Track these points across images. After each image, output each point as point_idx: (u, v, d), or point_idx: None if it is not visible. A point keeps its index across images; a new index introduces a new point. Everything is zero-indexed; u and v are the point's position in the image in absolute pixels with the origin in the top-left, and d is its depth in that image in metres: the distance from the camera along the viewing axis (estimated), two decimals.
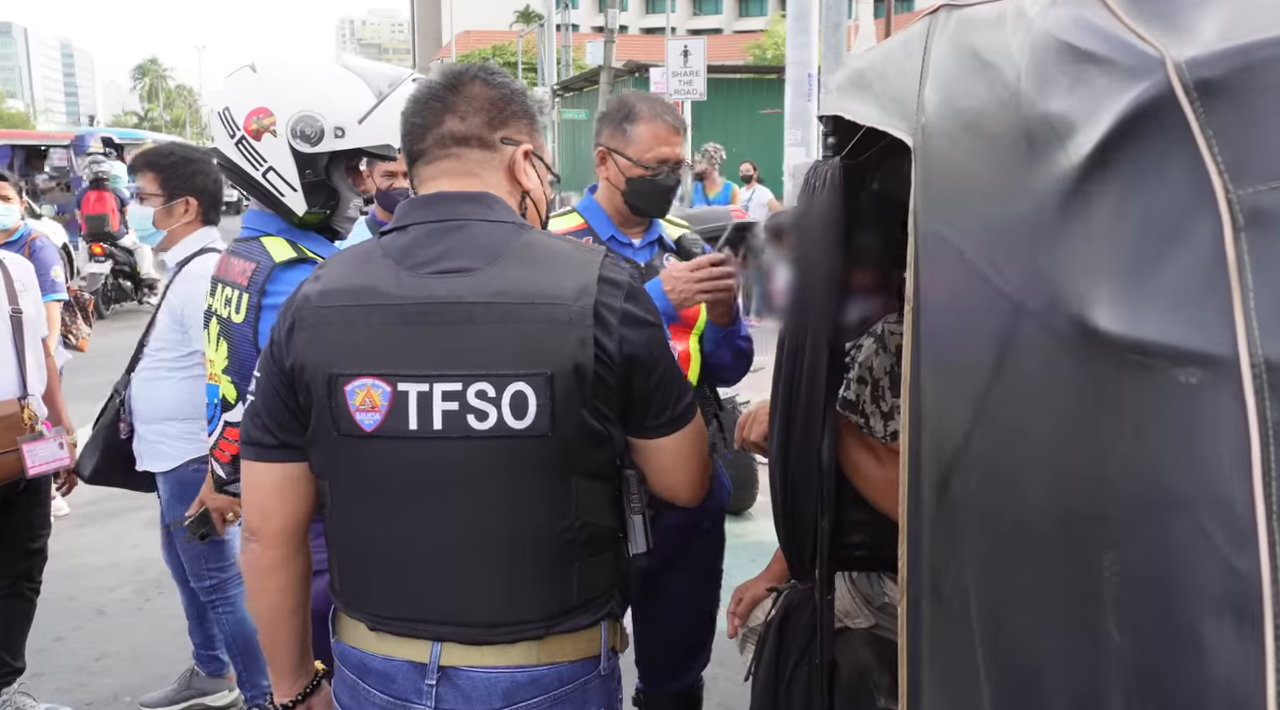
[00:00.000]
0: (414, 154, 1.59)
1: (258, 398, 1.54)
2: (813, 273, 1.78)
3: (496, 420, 1.42)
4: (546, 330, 1.42)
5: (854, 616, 2.22)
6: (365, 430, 1.45)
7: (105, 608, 4.51)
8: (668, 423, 1.58)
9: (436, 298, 1.44)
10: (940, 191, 1.09)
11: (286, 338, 1.49)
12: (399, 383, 1.43)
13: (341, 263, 1.53)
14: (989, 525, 0.96)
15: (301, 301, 1.49)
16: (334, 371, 1.44)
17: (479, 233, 1.50)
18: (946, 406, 1.09)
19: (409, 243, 1.50)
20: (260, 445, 1.54)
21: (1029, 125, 0.84)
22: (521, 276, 1.46)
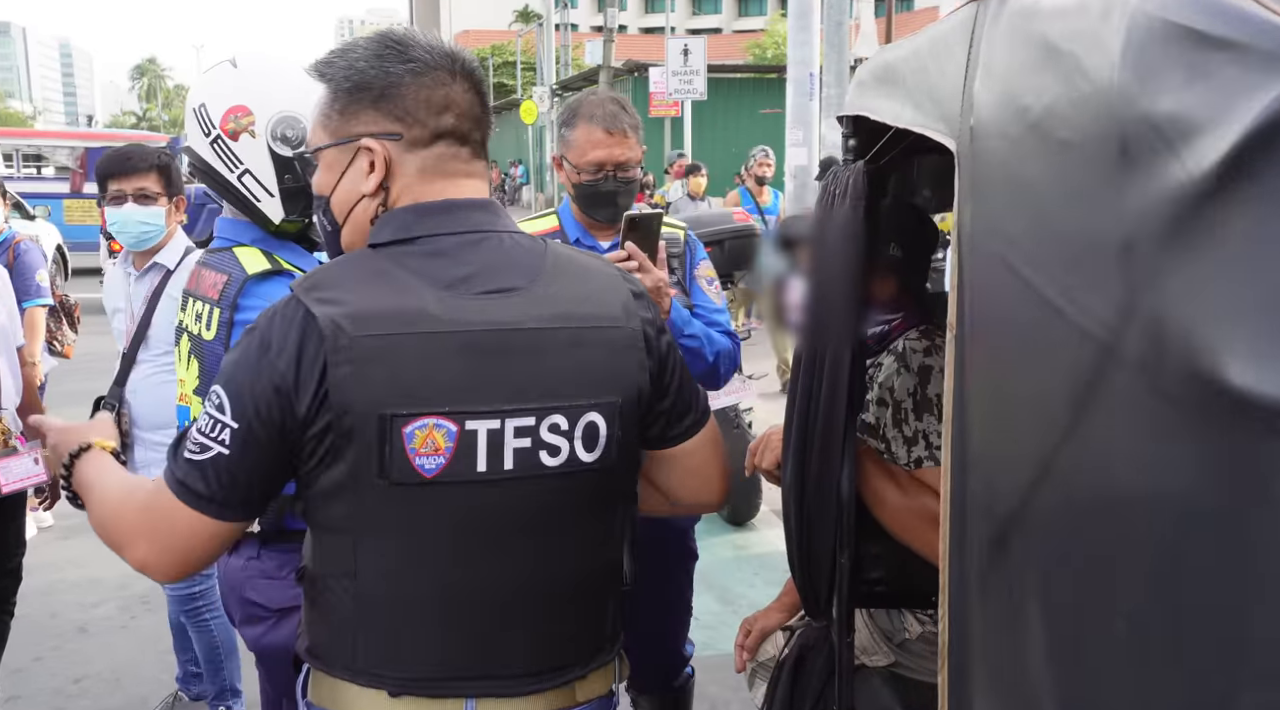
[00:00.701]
0: (455, 133, 1.35)
1: (233, 451, 1.26)
2: (832, 287, 1.63)
3: (568, 454, 1.31)
4: (611, 355, 1.34)
5: (872, 653, 2.07)
6: (425, 476, 1.25)
7: (87, 626, 4.35)
8: (693, 424, 1.49)
9: (498, 323, 1.28)
10: (996, 204, 0.94)
11: (298, 381, 1.23)
12: (467, 420, 1.26)
13: (359, 282, 1.28)
14: (1068, 613, 0.80)
15: (332, 331, 1.23)
16: (389, 412, 1.23)
17: (505, 246, 1.34)
18: (1001, 453, 0.94)
19: (433, 258, 1.30)
20: (218, 503, 1.28)
21: (1124, 127, 0.69)
22: (572, 296, 1.34)
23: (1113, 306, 0.71)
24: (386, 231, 1.33)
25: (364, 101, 1.32)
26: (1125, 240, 0.68)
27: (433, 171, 1.34)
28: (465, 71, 1.35)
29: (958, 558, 1.07)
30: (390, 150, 1.33)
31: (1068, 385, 0.78)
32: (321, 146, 1.37)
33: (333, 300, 1.25)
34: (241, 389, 1.26)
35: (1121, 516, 0.72)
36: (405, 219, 1.33)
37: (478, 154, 1.38)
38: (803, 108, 11.10)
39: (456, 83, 1.34)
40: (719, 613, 4.32)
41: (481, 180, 1.39)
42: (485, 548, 1.30)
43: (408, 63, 1.32)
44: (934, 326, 2.03)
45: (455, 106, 1.34)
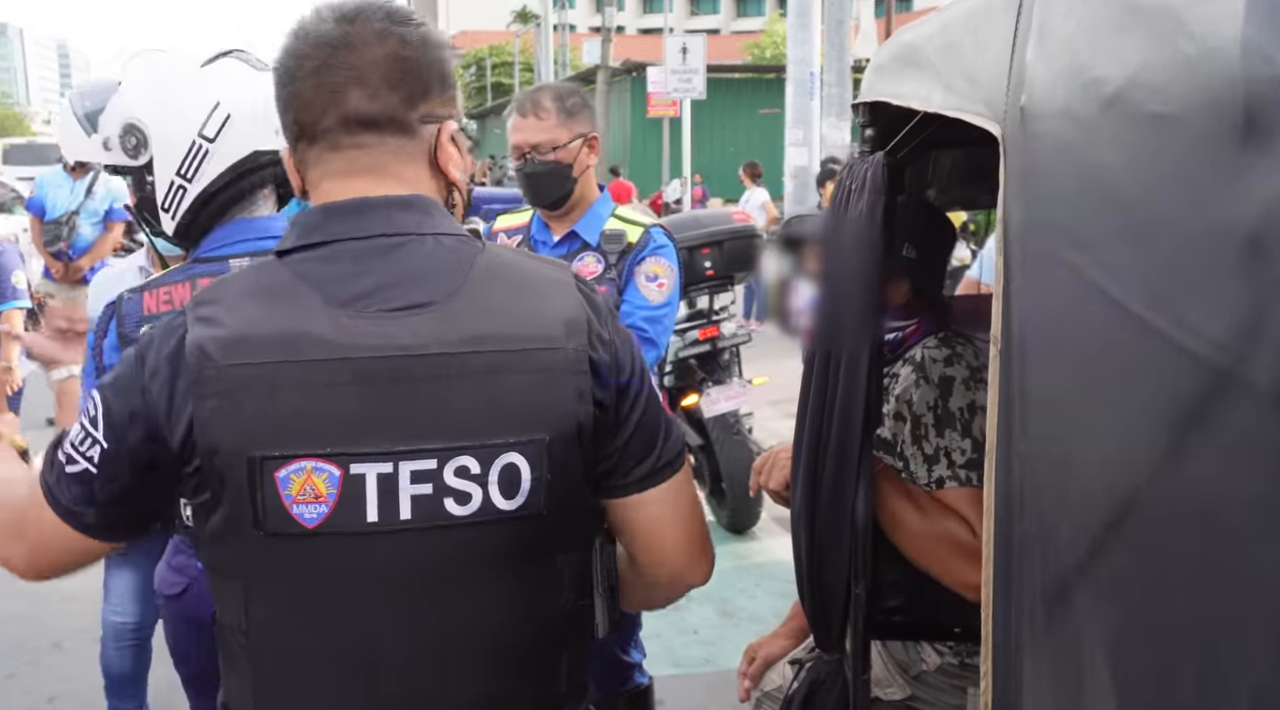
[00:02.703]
0: (306, 133, 1.17)
1: (99, 470, 1.13)
2: (849, 290, 1.49)
3: (481, 502, 1.12)
4: (540, 383, 1.13)
5: (886, 686, 1.94)
6: (305, 527, 1.09)
7: (63, 641, 4.21)
8: (652, 472, 1.24)
9: (398, 348, 1.09)
10: (1057, 197, 0.79)
11: (171, 410, 1.10)
12: (352, 463, 1.08)
13: (243, 297, 1.13)
14: (1155, 687, 0.66)
15: (197, 357, 1.08)
16: (259, 453, 1.07)
17: (424, 252, 1.14)
18: (1065, 491, 0.79)
19: (333, 268, 1.13)
20: (77, 518, 1.16)
21: (1250, 95, 0.54)
22: (498, 311, 1.14)
23: (1230, 322, 0.56)
24: (292, 236, 1.16)
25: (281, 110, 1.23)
26: (1250, 238, 0.54)
27: (330, 172, 1.18)
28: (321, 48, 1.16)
29: (1004, 609, 0.93)
30: (298, 156, 1.20)
31: (1161, 416, 0.63)
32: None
33: (211, 319, 1.10)
34: (115, 405, 1.12)
35: (1240, 578, 0.57)
36: (312, 220, 1.17)
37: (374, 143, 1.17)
38: (803, 107, 11.00)
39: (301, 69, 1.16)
40: (719, 626, 4.18)
41: (392, 178, 1.18)
42: (385, 605, 1.13)
43: (278, 69, 1.19)
44: (953, 334, 1.89)
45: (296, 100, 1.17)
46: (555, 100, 2.53)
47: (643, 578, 1.30)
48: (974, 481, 1.69)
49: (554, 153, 2.49)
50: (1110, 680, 0.73)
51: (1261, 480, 0.56)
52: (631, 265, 2.56)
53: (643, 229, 2.59)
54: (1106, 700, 0.74)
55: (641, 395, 1.22)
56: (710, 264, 5.00)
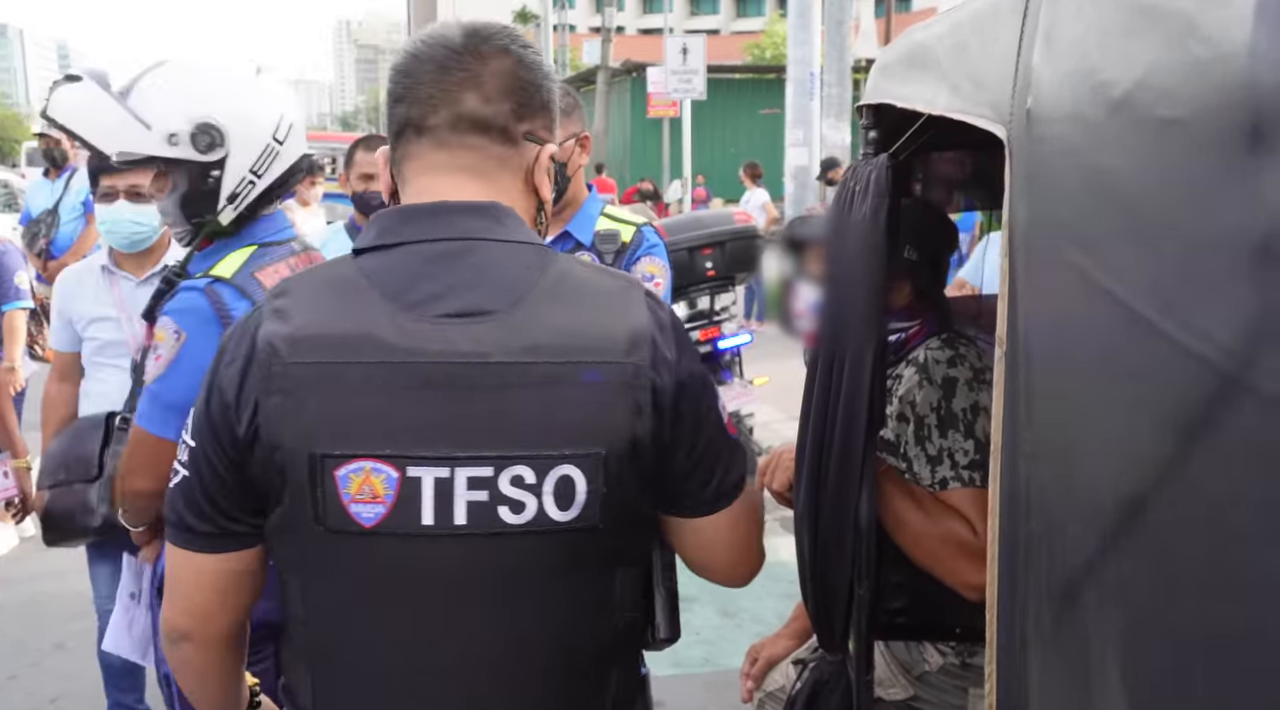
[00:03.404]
0: (414, 125, 1.20)
1: (191, 472, 1.16)
2: (852, 292, 1.48)
3: (536, 512, 1.12)
4: (598, 397, 1.12)
5: (889, 686, 1.94)
6: (363, 526, 1.10)
7: (66, 641, 4.21)
8: (713, 497, 1.23)
9: (459, 354, 1.10)
10: (1063, 200, 0.79)
11: (240, 399, 1.12)
12: (409, 466, 1.10)
13: (313, 295, 1.15)
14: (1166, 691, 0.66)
15: (267, 353, 1.10)
16: (320, 451, 1.09)
17: (493, 259, 1.15)
18: (1072, 493, 0.80)
19: (402, 271, 1.14)
20: (195, 533, 1.17)
21: (1259, 99, 0.54)
22: (560, 324, 1.13)
23: (1237, 326, 0.56)
24: (369, 236, 1.18)
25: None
26: (1260, 243, 0.54)
27: (415, 172, 1.21)
28: (438, 51, 1.20)
29: (1009, 610, 0.93)
30: (392, 156, 1.24)
31: (1168, 419, 0.63)
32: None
33: (284, 313, 1.12)
34: (200, 405, 1.16)
35: (1248, 580, 0.57)
36: (389, 222, 1.18)
37: (463, 144, 1.19)
38: (803, 107, 11.00)
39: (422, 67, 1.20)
40: (720, 626, 4.18)
41: (477, 177, 1.20)
42: (438, 609, 1.14)
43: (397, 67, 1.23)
44: (955, 335, 1.89)
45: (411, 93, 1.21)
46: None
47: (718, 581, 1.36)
48: (977, 482, 1.69)
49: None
50: (1118, 682, 0.73)
51: (1268, 484, 0.56)
52: (627, 265, 2.56)
53: (635, 228, 2.59)
54: (1115, 702, 0.74)
55: (704, 418, 1.20)
56: (711, 264, 5.00)
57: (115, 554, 2.99)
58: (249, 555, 1.18)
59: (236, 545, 1.17)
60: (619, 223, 2.61)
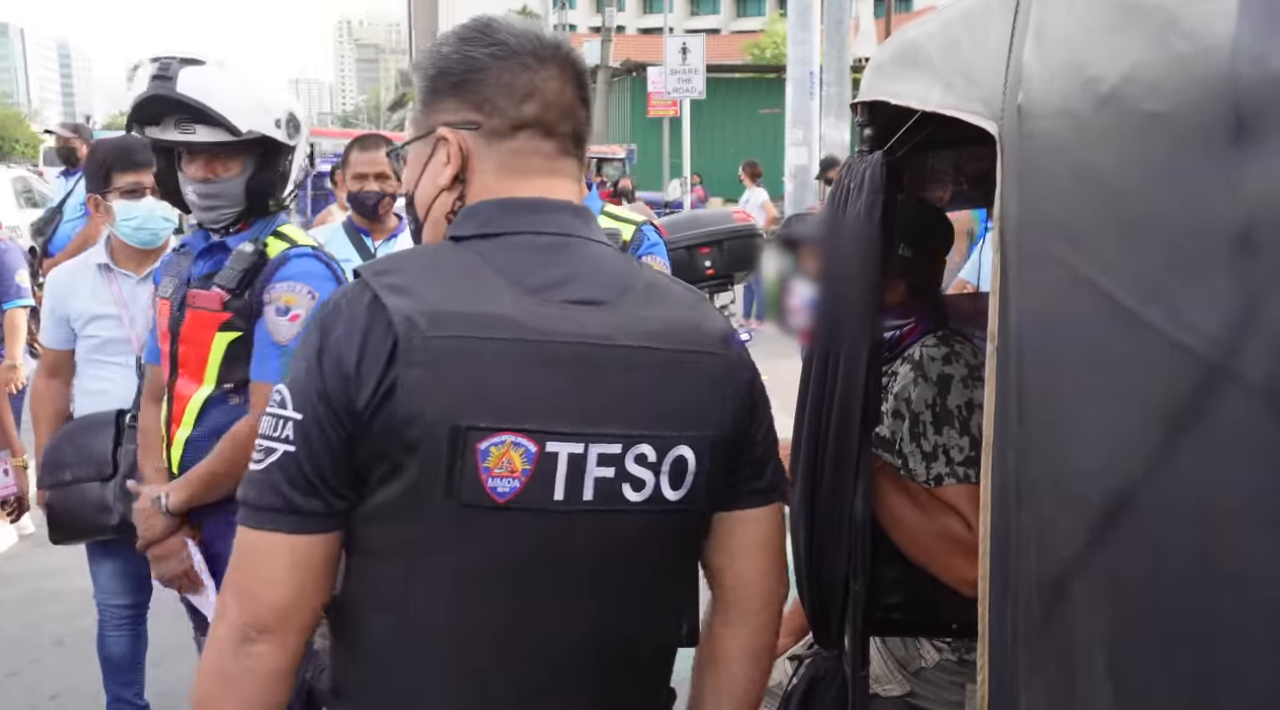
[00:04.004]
0: (543, 128, 1.22)
1: (300, 446, 1.11)
2: (847, 289, 1.49)
3: (653, 490, 1.17)
4: (708, 384, 1.20)
5: (885, 683, 1.94)
6: (498, 500, 1.11)
7: (66, 638, 4.21)
8: (769, 488, 1.30)
9: (589, 336, 1.14)
10: (1053, 195, 0.79)
11: (362, 371, 1.10)
12: (549, 441, 1.12)
13: (436, 275, 1.16)
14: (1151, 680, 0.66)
15: (406, 326, 1.09)
16: (464, 423, 1.09)
17: (591, 255, 1.21)
18: (1061, 484, 0.80)
19: (515, 257, 1.17)
20: (301, 512, 1.12)
21: (1241, 93, 0.54)
22: (668, 316, 1.20)
23: (1222, 316, 0.57)
24: (470, 224, 1.20)
25: (444, 90, 1.23)
26: (1241, 234, 0.54)
27: (513, 168, 1.22)
28: (558, 58, 1.23)
29: (1000, 603, 0.93)
30: (467, 141, 1.21)
31: (1156, 411, 0.64)
32: (408, 141, 1.29)
33: (405, 290, 1.12)
34: (302, 378, 1.12)
35: (1235, 571, 0.58)
36: (490, 212, 1.20)
37: (567, 150, 1.25)
38: (803, 107, 11.00)
39: (545, 69, 1.21)
40: None
41: (570, 180, 1.26)
42: (555, 587, 1.16)
43: (490, 46, 1.20)
44: (951, 332, 1.90)
45: (540, 94, 1.21)
46: None
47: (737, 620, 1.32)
48: (972, 479, 1.70)
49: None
50: (1107, 674, 0.74)
51: (1255, 474, 0.56)
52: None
53: (635, 227, 2.60)
54: (1103, 694, 0.75)
55: (767, 414, 1.29)
56: (710, 263, 5.00)
57: (119, 551, 2.99)
58: (338, 537, 1.15)
59: (337, 524, 1.14)
60: (619, 221, 2.61)
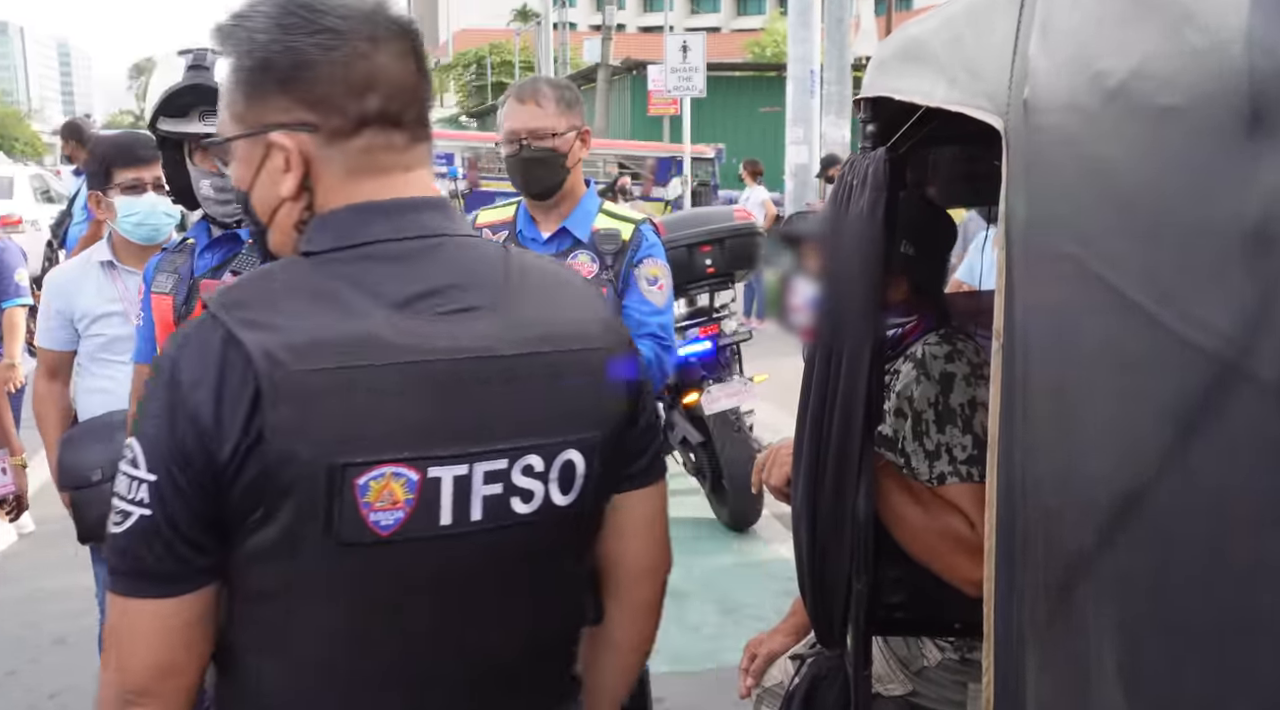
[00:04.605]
0: (390, 121, 1.11)
1: (155, 509, 1.02)
2: (850, 287, 1.48)
3: (543, 500, 1.13)
4: (593, 382, 1.15)
5: (887, 682, 1.94)
6: (380, 534, 1.04)
7: (67, 636, 4.20)
8: (647, 470, 1.27)
9: (466, 349, 1.08)
10: (1060, 191, 0.78)
11: (221, 421, 1.01)
12: (430, 467, 1.06)
13: (294, 301, 1.06)
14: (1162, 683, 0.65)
15: (267, 364, 1.00)
16: (340, 461, 1.02)
17: (461, 254, 1.13)
18: (1068, 483, 0.79)
19: (377, 270, 1.08)
20: (162, 576, 1.03)
21: (1257, 86, 0.53)
22: (545, 315, 1.14)
23: (1236, 314, 0.56)
24: (324, 237, 1.10)
25: (268, 86, 1.08)
26: (1256, 231, 0.53)
27: (363, 168, 1.10)
28: (392, 34, 1.10)
29: (1006, 603, 0.92)
30: (306, 145, 1.09)
31: (1165, 410, 0.63)
32: (231, 137, 1.13)
33: (262, 324, 1.02)
34: (154, 434, 1.02)
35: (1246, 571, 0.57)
36: (346, 222, 1.10)
37: (417, 138, 1.14)
38: (803, 105, 11.00)
39: (381, 51, 1.09)
40: (719, 623, 4.18)
41: (426, 171, 1.16)
42: (448, 611, 1.11)
43: (317, 34, 1.06)
44: (953, 330, 1.89)
45: (381, 83, 1.08)
46: (554, 90, 2.54)
47: (628, 590, 1.31)
48: (975, 477, 1.69)
49: (551, 140, 2.47)
50: (1116, 674, 0.73)
51: (1266, 473, 0.55)
52: (629, 267, 2.54)
53: (633, 226, 2.57)
54: (1112, 695, 0.74)
55: (649, 393, 1.25)
56: (711, 262, 4.98)
57: None
58: (212, 589, 1.07)
59: (208, 579, 1.06)
60: (618, 220, 2.58)
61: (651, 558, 1.31)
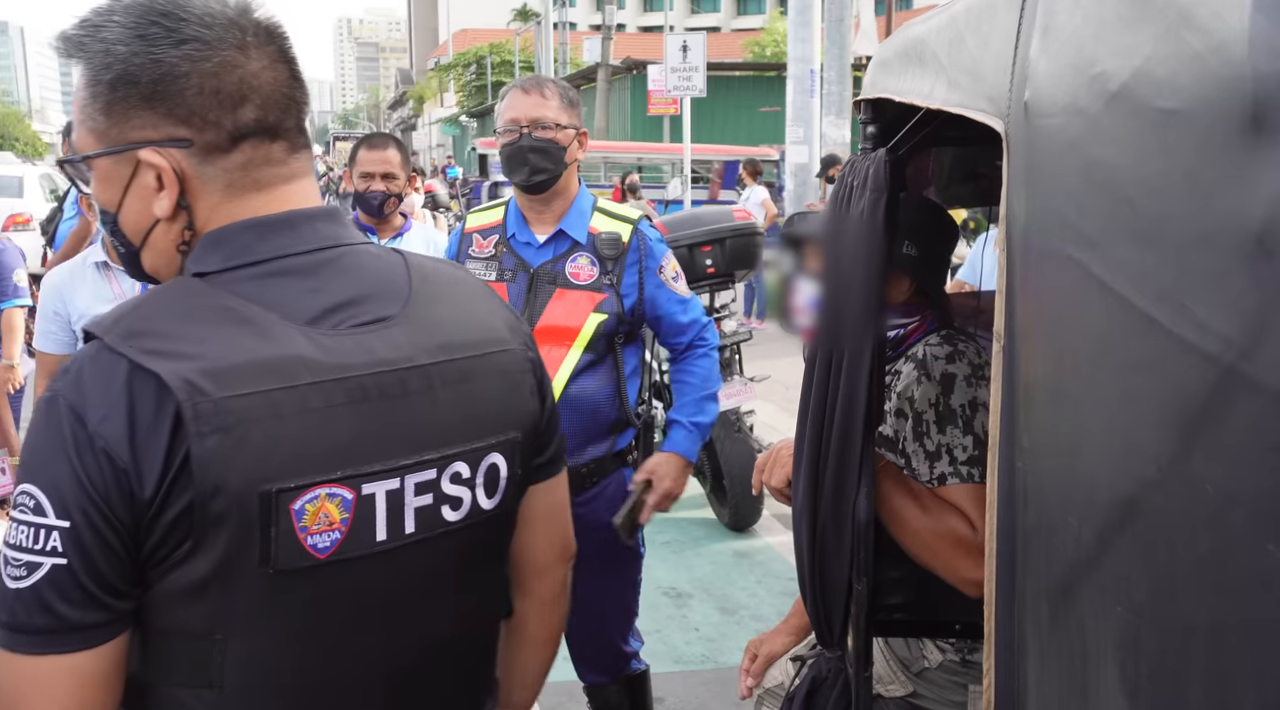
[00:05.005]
0: (268, 132, 1.05)
1: (72, 556, 0.94)
2: (851, 287, 1.48)
3: (470, 505, 1.12)
4: (506, 384, 1.16)
5: (888, 683, 1.93)
6: (318, 557, 1.01)
7: None
8: (551, 461, 1.28)
9: (384, 362, 1.05)
10: (1062, 194, 0.78)
11: (138, 456, 0.95)
12: (364, 484, 1.03)
13: (202, 325, 1.00)
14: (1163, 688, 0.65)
15: (187, 393, 0.94)
16: (275, 487, 0.98)
17: (363, 264, 1.10)
18: (1069, 487, 0.79)
19: (281, 287, 1.04)
20: (83, 629, 0.95)
21: (1258, 90, 0.53)
22: (453, 318, 1.13)
23: (1237, 318, 0.56)
24: (217, 256, 1.04)
25: (132, 100, 1.01)
26: (1258, 234, 0.53)
27: (245, 184, 1.05)
28: (260, 38, 1.04)
29: (1007, 605, 0.92)
30: (181, 162, 1.02)
31: (1167, 412, 0.63)
32: (90, 155, 1.05)
33: (172, 352, 0.96)
34: (61, 477, 0.94)
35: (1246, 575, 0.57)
36: (241, 239, 1.05)
37: (297, 146, 1.08)
38: (803, 105, 11.00)
39: (252, 59, 1.03)
40: (720, 624, 4.18)
41: (310, 179, 1.11)
42: (380, 624, 1.09)
43: (183, 44, 1.00)
44: (954, 331, 1.89)
45: (256, 92, 1.03)
46: (558, 87, 2.53)
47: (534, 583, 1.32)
48: (975, 478, 1.69)
49: (553, 131, 2.44)
50: (1117, 677, 0.73)
51: (1267, 476, 0.55)
52: (646, 269, 2.52)
53: (631, 227, 2.55)
54: (1113, 697, 0.74)
55: (550, 393, 1.26)
56: (711, 262, 4.98)
57: None
58: (127, 636, 0.99)
59: (124, 626, 0.99)
60: (615, 220, 2.55)
61: (556, 549, 1.32)
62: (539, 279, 2.47)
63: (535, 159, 2.44)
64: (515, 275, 2.49)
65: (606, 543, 2.55)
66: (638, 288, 2.50)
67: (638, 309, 2.51)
